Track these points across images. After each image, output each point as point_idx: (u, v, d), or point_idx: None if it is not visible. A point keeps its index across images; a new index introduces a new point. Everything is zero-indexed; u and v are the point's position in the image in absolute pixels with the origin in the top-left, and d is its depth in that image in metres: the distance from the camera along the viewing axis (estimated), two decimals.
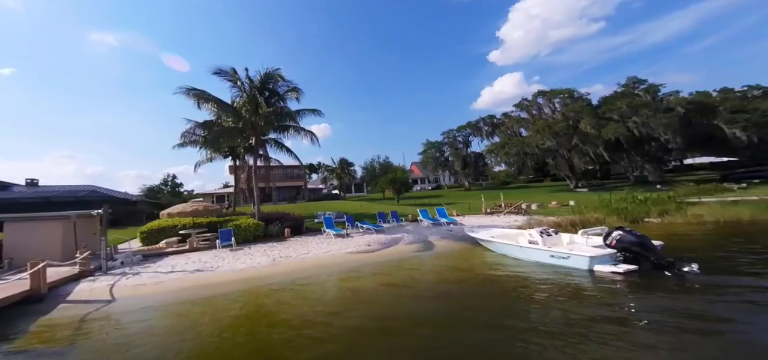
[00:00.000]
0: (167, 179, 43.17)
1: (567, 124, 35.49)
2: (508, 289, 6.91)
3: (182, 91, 14.75)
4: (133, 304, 6.90)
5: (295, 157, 18.49)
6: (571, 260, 7.61)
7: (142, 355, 4.64)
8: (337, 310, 6.16)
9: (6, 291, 6.75)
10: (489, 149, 44.55)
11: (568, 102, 37.94)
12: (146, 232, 13.59)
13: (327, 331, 5.22)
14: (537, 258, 8.51)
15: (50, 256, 8.57)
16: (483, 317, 5.46)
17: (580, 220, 13.71)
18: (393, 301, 6.58)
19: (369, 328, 5.29)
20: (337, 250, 11.27)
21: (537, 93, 42.01)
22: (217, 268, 9.49)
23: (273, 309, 6.49)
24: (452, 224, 15.91)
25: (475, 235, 11.23)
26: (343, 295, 7.29)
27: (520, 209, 20.18)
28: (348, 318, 5.72)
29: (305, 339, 4.94)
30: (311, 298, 7.06)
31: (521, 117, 43.61)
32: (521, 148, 38.01)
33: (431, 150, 53.42)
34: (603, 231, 8.16)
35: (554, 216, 16.14)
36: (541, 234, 8.94)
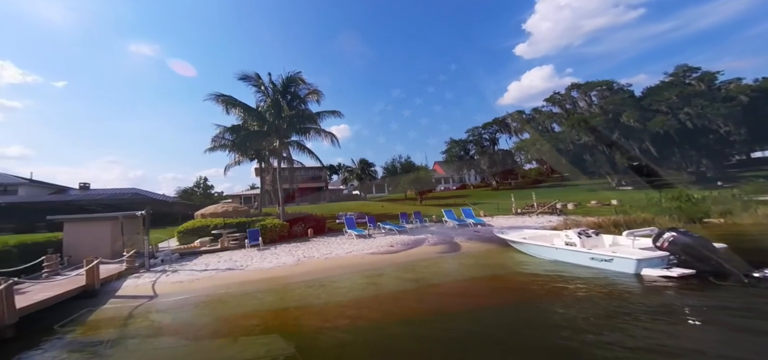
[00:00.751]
0: (200, 182, 46.52)
1: (606, 117, 33.09)
2: (542, 291, 6.60)
3: (212, 97, 15.94)
4: (173, 300, 7.48)
5: (317, 158, 19.09)
6: (615, 263, 7.10)
7: (181, 348, 5.04)
8: (361, 310, 6.24)
9: (67, 286, 7.61)
10: (518, 146, 42.76)
11: (607, 94, 35.39)
12: (182, 231, 14.76)
13: (352, 330, 5.31)
14: (575, 260, 8.04)
15: (100, 253, 9.60)
16: (514, 319, 5.28)
17: (625, 220, 12.72)
18: (418, 302, 6.53)
19: (393, 329, 5.30)
20: (360, 251, 11.42)
21: (570, 86, 39.69)
22: (246, 266, 10.03)
23: (298, 308, 6.71)
24: (479, 225, 15.50)
25: (505, 237, 10.86)
26: (366, 295, 7.37)
27: (555, 209, 19.13)
28: (372, 318, 5.77)
29: (330, 337, 5.07)
30: (336, 298, 7.22)
31: (553, 112, 41.42)
32: (554, 145, 36.05)
33: (455, 148, 52.33)
34: (652, 232, 7.52)
35: (594, 216, 15.12)
36: (579, 235, 8.47)
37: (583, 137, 33.37)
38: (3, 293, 5.11)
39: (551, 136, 37.95)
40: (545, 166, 41.00)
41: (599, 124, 32.80)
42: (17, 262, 9.20)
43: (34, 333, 5.64)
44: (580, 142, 34.12)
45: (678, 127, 28.40)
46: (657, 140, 30.17)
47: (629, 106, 31.87)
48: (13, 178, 28.23)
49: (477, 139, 51.19)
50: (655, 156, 32.23)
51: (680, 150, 31.07)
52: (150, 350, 5.05)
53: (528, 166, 49.45)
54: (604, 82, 36.39)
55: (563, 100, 40.34)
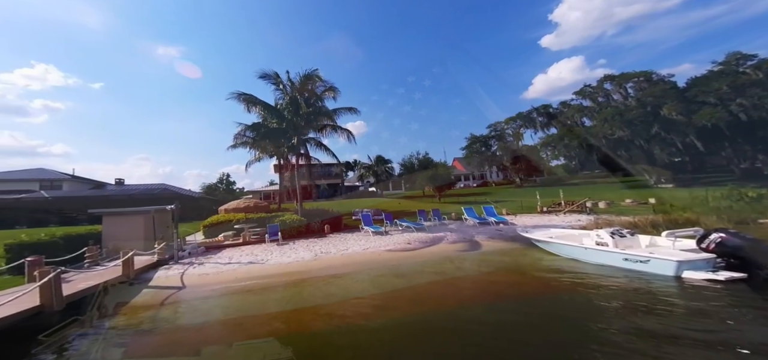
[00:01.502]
0: (222, 178, 48.94)
1: (644, 110, 31.02)
2: (569, 292, 6.35)
3: (234, 96, 16.69)
4: (200, 291, 7.93)
5: (333, 155, 19.43)
6: (652, 265, 6.70)
7: (208, 337, 5.37)
8: (377, 306, 6.32)
9: (106, 275, 8.24)
10: (544, 142, 41.18)
11: (645, 86, 33.14)
12: (207, 225, 15.64)
13: (369, 326, 5.39)
14: (606, 261, 7.67)
15: (134, 245, 10.36)
16: (538, 320, 5.15)
17: (664, 220, 11.88)
18: (436, 300, 6.52)
19: (411, 325, 5.33)
20: (376, 248, 11.53)
21: (603, 78, 37.57)
22: (266, 260, 10.45)
23: (317, 303, 6.90)
24: (502, 223, 15.12)
25: (530, 235, 10.53)
26: (383, 291, 7.43)
27: (585, 208, 18.24)
28: (389, 314, 5.83)
29: (347, 332, 5.19)
30: (353, 293, 7.35)
31: (583, 105, 39.43)
32: (584, 140, 34.33)
33: (476, 144, 51.18)
34: (696, 233, 7.02)
35: (629, 215, 14.27)
36: (611, 235, 8.07)
37: (618, 132, 31.49)
38: (52, 281, 5.68)
39: (581, 130, 36.14)
40: (574, 163, 39.09)
41: (636, 117, 30.81)
42: (63, 252, 10.20)
43: (79, 318, 6.22)
44: (613, 137, 32.25)
45: (729, 119, 26.08)
46: (704, 134, 27.87)
47: (671, 97, 29.65)
48: (58, 174, 31.18)
49: (499, 135, 49.78)
50: (702, 151, 29.79)
51: (731, 144, 28.50)
52: (179, 340, 5.43)
53: (555, 163, 47.42)
54: (641, 73, 34.08)
55: (595, 92, 38.28)
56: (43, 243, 10.24)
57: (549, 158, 44.18)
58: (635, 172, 35.65)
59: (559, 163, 46.74)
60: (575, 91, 40.71)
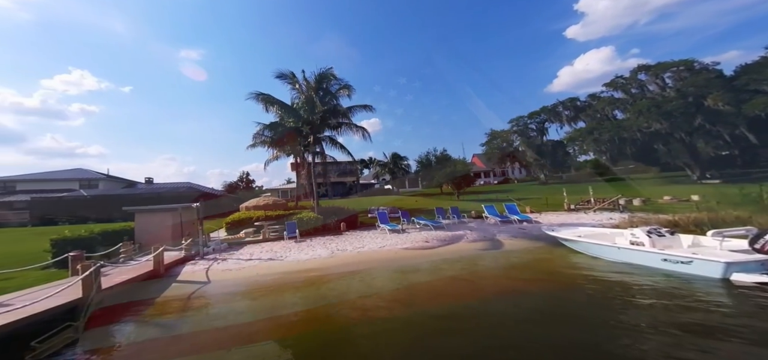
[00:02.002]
0: (243, 176, 50.96)
1: (685, 101, 28.77)
2: (601, 292, 6.06)
3: (253, 96, 17.29)
4: (224, 286, 8.31)
5: (348, 153, 19.63)
6: (696, 266, 6.24)
7: (233, 332, 5.64)
8: (395, 303, 6.34)
9: (139, 270, 8.87)
10: (571, 137, 39.35)
11: (686, 75, 30.68)
12: (230, 222, 16.35)
13: (386, 323, 5.43)
14: (642, 261, 7.24)
15: (163, 241, 11.03)
16: (568, 320, 4.95)
17: (709, 218, 11.01)
18: (455, 299, 6.44)
19: (429, 324, 5.31)
20: (393, 245, 11.55)
21: (637, 68, 35.26)
22: (285, 257, 10.77)
23: (334, 298, 7.04)
24: (526, 221, 14.65)
25: (556, 234, 10.13)
26: (400, 289, 7.45)
27: (617, 205, 17.27)
28: (406, 312, 5.83)
29: (365, 329, 5.25)
30: (370, 290, 7.41)
31: (615, 97, 37.26)
32: (616, 134, 32.43)
33: (497, 140, 49.78)
34: (749, 232, 6.45)
35: (668, 213, 13.35)
36: (648, 233, 7.59)
37: (654, 124, 29.44)
38: (93, 274, 6.19)
39: (612, 124, 34.17)
40: (605, 158, 37.05)
41: (675, 109, 28.65)
42: (101, 247, 11.07)
43: (115, 310, 6.72)
44: (650, 130, 30.20)
45: None
46: (757, 124, 25.45)
47: (717, 87, 27.28)
48: (95, 173, 33.82)
49: (522, 130, 48.11)
50: (754, 143, 27.21)
51: None
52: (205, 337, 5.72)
53: (583, 158, 45.20)
54: (681, 62, 31.59)
55: (628, 84, 36.03)
56: (84, 238, 11.14)
57: (576, 153, 42.19)
58: (675, 167, 33.24)
59: (587, 159, 44.49)
60: (605, 82, 38.57)
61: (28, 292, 6.37)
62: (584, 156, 42.95)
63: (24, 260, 9.19)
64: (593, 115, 38.90)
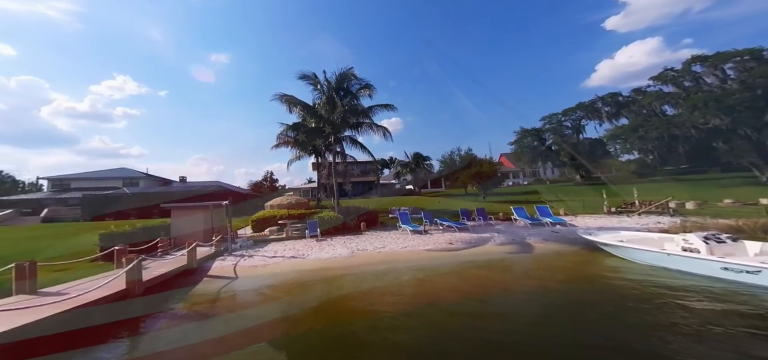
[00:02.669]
0: (267, 175, 53.28)
1: (752, 94, 25.74)
2: (647, 304, 5.58)
3: (277, 97, 18.05)
4: (250, 282, 8.72)
5: (369, 152, 19.81)
6: (765, 276, 5.56)
7: (259, 327, 5.93)
8: (417, 304, 6.31)
9: (174, 264, 9.53)
10: (613, 134, 36.77)
11: (752, 65, 27.41)
12: (255, 220, 17.15)
13: (408, 324, 5.42)
14: (697, 269, 6.59)
15: (196, 237, 11.82)
16: (606, 325, 4.62)
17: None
18: (481, 302, 6.27)
19: (453, 325, 5.22)
20: (415, 246, 11.47)
21: (691, 59, 32.15)
22: (307, 255, 11.11)
23: (354, 298, 7.14)
24: (559, 224, 13.91)
25: (594, 238, 9.51)
26: (422, 290, 7.38)
27: (667, 208, 15.85)
28: (429, 313, 5.79)
29: (386, 331, 5.27)
30: (390, 292, 7.43)
31: (664, 91, 34.27)
32: (666, 131, 29.78)
33: (527, 138, 47.74)
34: None
35: (730, 218, 12.01)
36: (705, 239, 6.89)
37: (713, 120, 26.63)
38: (135, 268, 6.79)
39: (661, 120, 31.42)
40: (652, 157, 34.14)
41: (740, 102, 25.74)
42: (142, 241, 12.09)
43: (154, 300, 7.27)
44: (707, 126, 27.38)
45: None
46: None
47: None
48: (136, 172, 37.09)
49: (555, 128, 45.75)
50: None
51: None
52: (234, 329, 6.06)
53: (626, 158, 41.99)
54: (746, 51, 28.27)
55: (680, 76, 32.98)
56: (127, 233, 12.25)
57: (618, 152, 39.31)
58: (739, 167, 29.85)
59: (631, 158, 41.26)
60: (652, 76, 35.64)
61: (81, 283, 7.12)
62: (627, 155, 39.92)
63: (77, 253, 10.29)
64: (638, 111, 36.08)
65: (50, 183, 33.91)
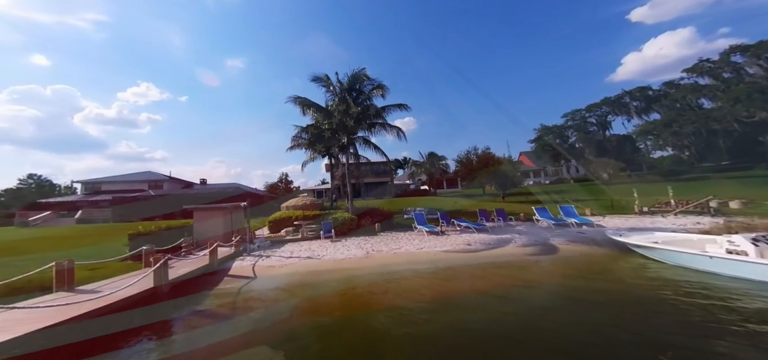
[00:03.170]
0: (282, 177, 54.58)
1: None
2: (688, 307, 5.24)
3: (291, 100, 18.45)
4: (268, 282, 8.91)
5: (382, 153, 19.82)
6: None
7: (276, 327, 6.07)
8: (435, 305, 6.23)
9: (197, 263, 9.90)
10: (643, 130, 35.04)
11: None
12: (272, 221, 17.58)
13: (426, 325, 5.34)
14: (744, 273, 6.11)
15: (216, 238, 12.25)
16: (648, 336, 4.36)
17: None
18: (501, 303, 6.11)
19: (473, 328, 5.10)
20: (432, 248, 11.35)
21: (729, 49, 30.18)
22: (322, 256, 11.24)
23: (369, 299, 7.13)
24: (585, 225, 13.34)
25: (625, 240, 9.04)
26: (440, 293, 7.27)
27: (707, 208, 14.83)
28: (447, 315, 5.71)
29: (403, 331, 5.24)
30: (407, 290, 7.39)
31: (700, 84, 32.25)
32: (704, 125, 28.00)
33: (548, 136, 46.33)
34: None
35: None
36: (754, 241, 6.38)
37: (759, 113, 24.74)
38: (162, 267, 7.11)
39: (698, 114, 29.62)
40: (688, 153, 32.12)
41: None
42: (167, 241, 12.68)
43: (180, 299, 7.59)
44: (752, 119, 25.46)
45: None
46: None
47: None
48: (160, 176, 39.03)
49: (579, 124, 44.12)
50: None
51: None
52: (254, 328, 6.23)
53: (658, 154, 39.76)
54: None
55: (718, 68, 31.01)
56: (153, 234, 12.88)
57: (650, 148, 37.34)
58: None
59: (664, 154, 39.03)
60: (686, 68, 33.69)
61: (112, 281, 7.54)
62: (660, 152, 37.79)
63: (108, 253, 10.93)
64: (671, 105, 34.16)
65: (83, 186, 36.33)
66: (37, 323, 4.29)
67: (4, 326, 4.19)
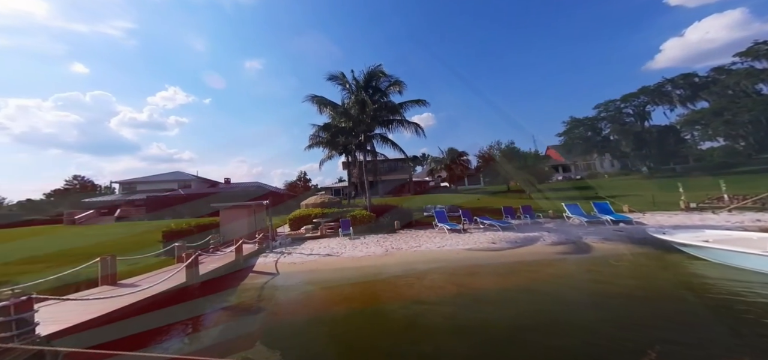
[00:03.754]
0: (301, 176, 56.08)
1: None
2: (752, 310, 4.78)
3: (308, 99, 18.78)
4: (290, 278, 9.18)
5: (400, 149, 19.72)
6: None
7: (300, 321, 6.25)
8: (456, 307, 6.10)
9: (224, 259, 10.39)
10: (689, 119, 32.42)
11: None
12: (292, 219, 18.08)
13: (448, 325, 5.27)
14: None
15: (241, 235, 12.76)
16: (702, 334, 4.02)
17: None
18: (528, 306, 5.87)
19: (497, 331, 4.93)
20: (453, 246, 11.16)
21: None
22: (341, 253, 11.38)
23: (391, 294, 7.14)
24: (623, 222, 12.55)
25: (671, 238, 8.38)
26: (462, 292, 7.09)
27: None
28: (469, 317, 5.57)
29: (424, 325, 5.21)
30: (429, 289, 7.31)
31: (755, 68, 29.22)
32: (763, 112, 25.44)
33: (579, 129, 44.02)
34: None
35: None
36: None
37: None
38: (193, 263, 7.52)
39: (754, 101, 26.87)
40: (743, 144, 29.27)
41: None
42: (196, 238, 13.43)
43: (209, 293, 7.99)
44: None
45: None
46: None
47: None
48: (188, 176, 41.36)
49: (613, 116, 41.54)
50: None
51: None
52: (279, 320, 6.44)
53: (707, 145, 36.54)
54: None
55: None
56: (184, 231, 13.69)
57: (697, 139, 34.44)
58: None
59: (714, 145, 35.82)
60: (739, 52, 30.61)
61: (150, 276, 8.08)
62: (709, 142, 34.70)
63: (144, 248, 11.75)
64: (721, 92, 31.27)
65: (121, 186, 39.29)
66: (88, 315, 4.68)
67: (59, 317, 4.61)
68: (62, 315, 4.67)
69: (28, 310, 3.67)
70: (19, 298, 3.60)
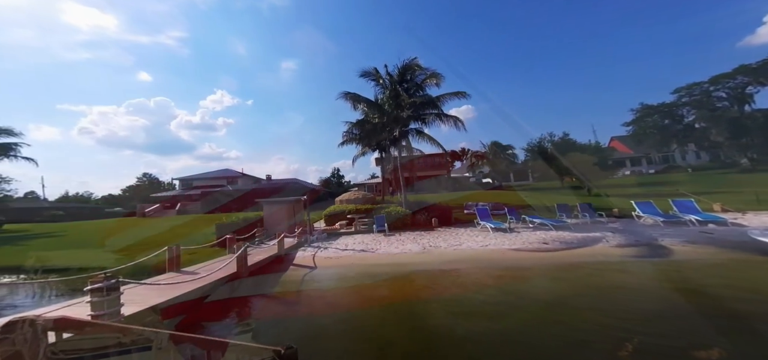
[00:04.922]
0: (334, 172, 57.91)
1: None
2: None
3: (342, 96, 19.20)
4: (327, 272, 9.55)
5: (438, 144, 19.23)
6: None
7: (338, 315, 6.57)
8: (502, 308, 5.86)
9: (268, 252, 11.10)
10: None
11: None
12: (327, 214, 18.78)
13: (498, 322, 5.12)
14: None
15: (283, 229, 13.65)
16: None
17: None
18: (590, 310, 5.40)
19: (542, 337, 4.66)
20: (498, 245, 10.64)
21: None
22: (376, 250, 11.50)
23: (429, 291, 7.14)
24: (713, 223, 10.90)
25: None
26: (507, 292, 6.76)
27: None
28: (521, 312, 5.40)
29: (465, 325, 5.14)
30: (471, 287, 7.15)
31: None
32: None
33: (652, 117, 38.98)
34: None
35: None
36: None
37: None
38: (243, 254, 8.24)
39: None
40: None
41: None
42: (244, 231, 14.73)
43: (257, 281, 8.69)
44: None
45: None
46: None
47: None
48: (236, 173, 45.38)
49: (699, 101, 36.02)
50: None
51: None
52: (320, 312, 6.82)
53: None
54: None
55: None
56: (234, 224, 15.10)
57: None
58: None
59: None
60: None
61: (206, 265, 9.04)
62: None
63: (201, 240, 13.22)
64: None
65: (180, 182, 44.48)
66: (159, 297, 5.44)
67: (136, 299, 5.42)
68: (139, 298, 5.47)
69: (115, 292, 4.37)
70: (110, 280, 4.31)
